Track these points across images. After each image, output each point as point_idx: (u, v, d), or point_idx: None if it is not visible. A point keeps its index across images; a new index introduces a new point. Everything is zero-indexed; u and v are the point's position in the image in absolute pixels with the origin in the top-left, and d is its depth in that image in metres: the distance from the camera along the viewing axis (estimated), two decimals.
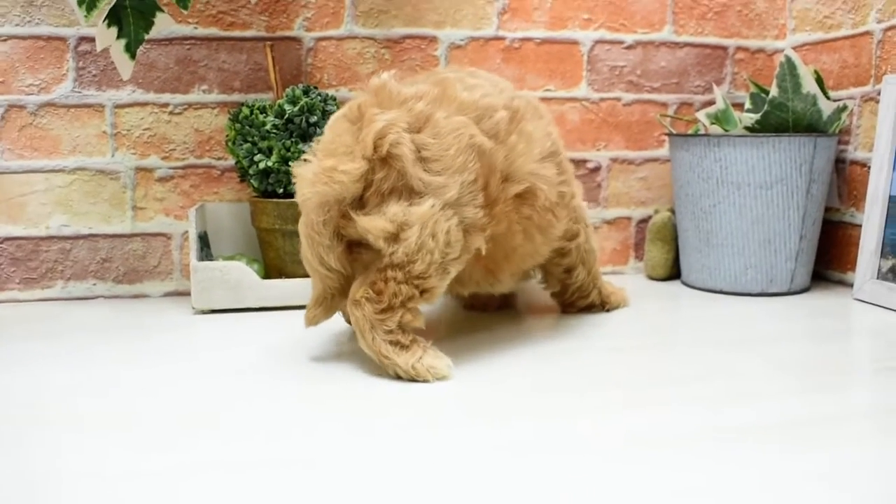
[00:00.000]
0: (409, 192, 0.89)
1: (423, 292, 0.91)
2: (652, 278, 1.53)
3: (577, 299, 1.21)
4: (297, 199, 0.94)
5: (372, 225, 0.88)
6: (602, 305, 1.24)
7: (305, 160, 0.93)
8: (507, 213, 0.96)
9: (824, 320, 1.19)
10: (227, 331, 1.15)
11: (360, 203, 0.90)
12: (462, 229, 0.91)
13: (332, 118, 0.97)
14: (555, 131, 1.07)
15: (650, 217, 1.58)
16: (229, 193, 1.42)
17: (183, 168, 1.40)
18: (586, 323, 1.17)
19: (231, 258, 1.32)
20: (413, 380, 0.89)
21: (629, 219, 1.58)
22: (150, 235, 1.40)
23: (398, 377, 0.90)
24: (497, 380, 0.91)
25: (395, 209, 0.88)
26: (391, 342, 0.90)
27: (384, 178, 0.89)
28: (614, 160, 1.56)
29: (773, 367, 0.95)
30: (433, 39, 1.46)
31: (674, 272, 1.52)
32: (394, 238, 0.88)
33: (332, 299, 0.97)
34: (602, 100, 1.54)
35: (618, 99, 1.54)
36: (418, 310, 0.91)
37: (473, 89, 0.96)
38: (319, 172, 0.89)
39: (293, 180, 0.95)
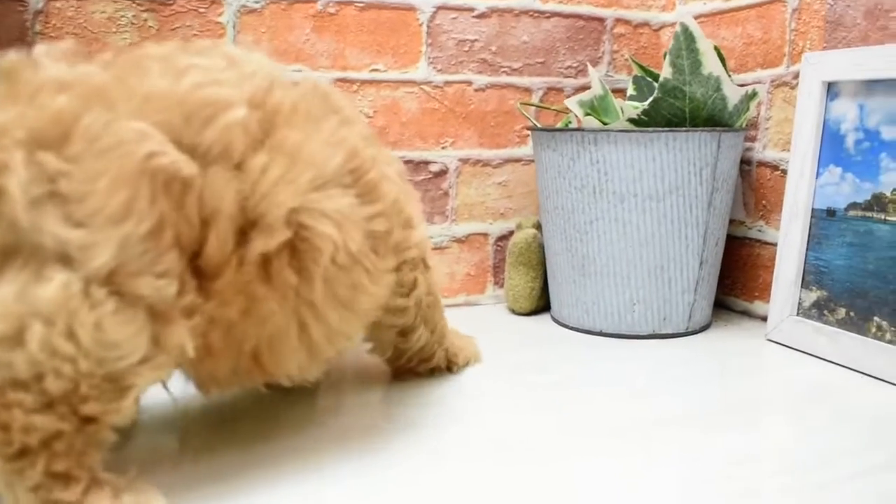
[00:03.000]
0: (37, 257, 0.51)
1: (83, 422, 0.53)
2: (515, 312, 1.19)
3: (416, 364, 0.87)
4: None
5: None
6: (448, 368, 0.90)
7: None
8: (248, 286, 0.59)
9: (735, 377, 0.88)
10: None
11: None
12: (140, 317, 0.53)
13: None
14: (357, 134, 0.69)
15: (511, 233, 1.24)
16: None
17: None
18: (424, 386, 0.82)
19: None
20: None
21: (486, 235, 1.24)
22: None
23: None
24: None
25: (10, 290, 0.50)
26: (46, 503, 0.52)
27: None
28: (465, 161, 1.21)
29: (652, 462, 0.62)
30: (216, 0, 1.07)
31: (542, 304, 1.19)
32: (11, 342, 0.50)
33: None
34: (447, 83, 1.19)
35: (468, 83, 1.20)
36: (84, 447, 0.54)
37: (183, 73, 0.58)
38: None
39: None
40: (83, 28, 1.03)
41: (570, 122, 1.16)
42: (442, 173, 1.20)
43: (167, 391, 0.66)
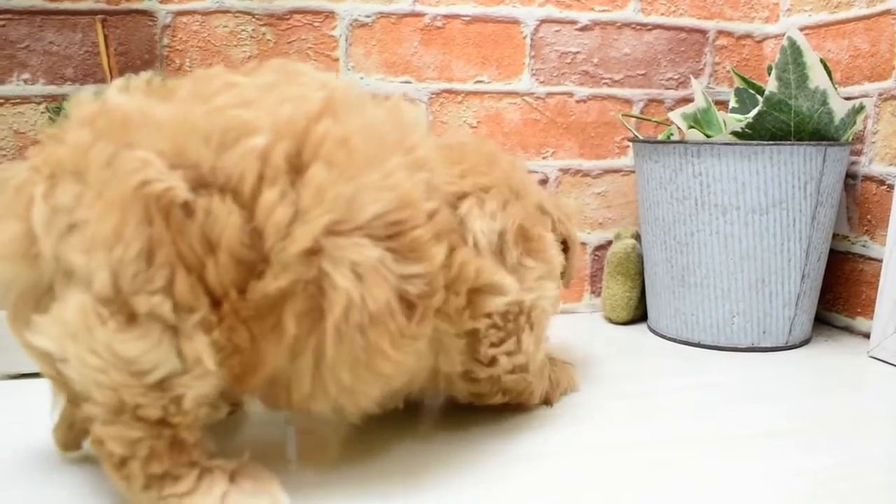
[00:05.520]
0: (66, 283, 0.55)
1: (154, 425, 0.56)
2: (611, 321, 1.21)
3: (502, 401, 0.80)
4: None
5: (37, 345, 0.55)
6: (546, 402, 0.85)
7: None
8: (247, 322, 0.56)
9: (835, 393, 0.88)
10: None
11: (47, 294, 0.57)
12: (155, 332, 0.54)
13: None
14: (420, 182, 0.61)
15: (610, 243, 1.26)
16: None
17: None
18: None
19: None
20: None
21: (584, 244, 1.26)
22: None
23: None
24: None
25: (56, 313, 0.54)
26: (161, 498, 0.57)
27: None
28: (565, 171, 1.23)
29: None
30: (330, 15, 1.12)
31: (638, 314, 1.20)
32: (60, 361, 0.55)
33: (73, 414, 0.65)
34: (549, 95, 1.21)
35: (569, 94, 1.22)
36: (169, 447, 0.57)
37: (213, 95, 0.57)
38: None
39: None
40: (207, 41, 1.09)
41: (671, 135, 1.17)
42: (542, 183, 1.22)
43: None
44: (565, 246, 0.84)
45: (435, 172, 0.63)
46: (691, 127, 1.10)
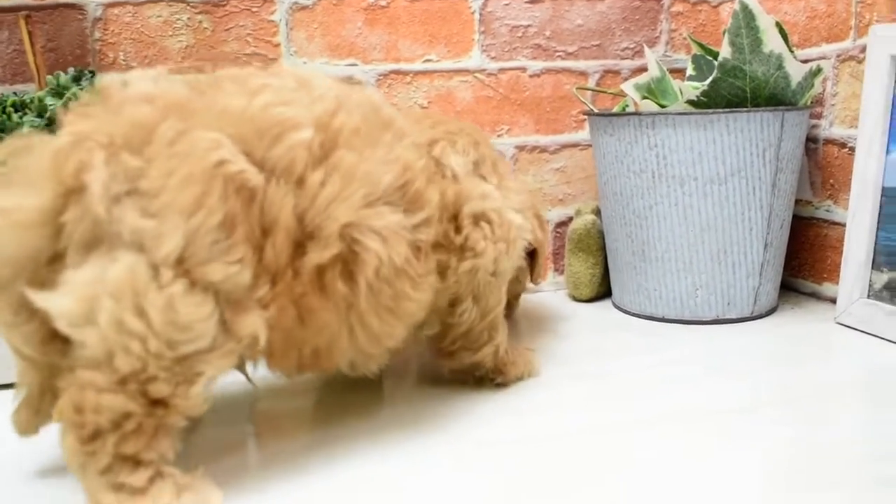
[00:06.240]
0: (113, 246, 0.55)
1: (152, 404, 0.56)
2: (576, 299, 1.18)
3: (460, 350, 0.82)
4: None
5: (50, 305, 0.54)
6: (498, 373, 0.84)
7: None
8: (302, 298, 0.62)
9: (804, 362, 0.86)
10: None
11: (57, 261, 0.56)
12: (211, 303, 0.57)
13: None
14: (408, 147, 0.70)
15: (571, 219, 1.23)
16: None
17: None
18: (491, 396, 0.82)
19: None
20: None
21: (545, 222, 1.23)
22: None
23: None
24: None
25: (86, 275, 0.54)
26: (113, 486, 0.56)
27: (77, 222, 0.55)
28: (521, 148, 1.20)
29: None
30: None
31: (602, 290, 1.18)
32: (85, 321, 0.54)
33: (41, 397, 0.65)
34: (502, 70, 1.18)
35: (522, 69, 1.19)
36: (154, 430, 0.57)
37: (257, 93, 0.62)
38: None
39: None
40: (140, 33, 1.05)
41: (627, 106, 1.14)
42: None
43: (248, 380, 0.70)
44: (534, 250, 0.92)
45: (412, 134, 0.73)
46: (645, 97, 1.07)
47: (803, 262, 1.15)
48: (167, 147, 0.56)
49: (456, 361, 0.82)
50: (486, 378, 0.84)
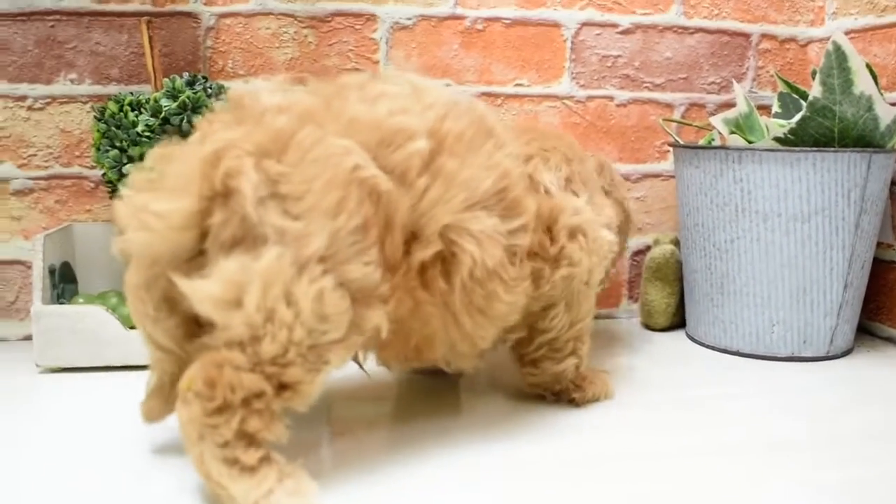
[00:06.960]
0: (258, 243, 0.60)
1: (281, 388, 0.60)
2: (649, 327, 1.20)
3: (543, 357, 0.84)
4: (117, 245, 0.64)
5: (197, 289, 0.59)
6: (575, 390, 0.86)
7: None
8: (413, 291, 0.68)
9: (876, 405, 0.87)
10: (75, 398, 0.87)
11: (198, 258, 0.61)
12: (347, 298, 0.61)
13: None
14: (508, 156, 0.73)
15: (649, 248, 1.25)
16: (105, 211, 1.10)
17: (46, 179, 1.09)
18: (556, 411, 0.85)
19: (101, 297, 1.01)
20: None
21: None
22: (3, 264, 1.08)
23: None
24: None
25: (233, 265, 0.59)
26: (226, 461, 0.59)
27: (224, 224, 0.60)
28: None
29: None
30: (371, 17, 1.13)
31: (676, 320, 1.19)
32: (231, 305, 0.59)
33: (171, 388, 0.67)
34: (589, 98, 1.21)
35: (609, 98, 1.21)
36: (274, 413, 0.61)
37: (377, 101, 0.67)
38: (131, 213, 0.62)
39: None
40: (249, 43, 1.10)
41: (712, 140, 1.16)
42: None
43: (362, 368, 0.76)
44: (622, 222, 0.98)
45: (512, 146, 0.76)
46: (733, 132, 1.08)
47: (881, 306, 1.15)
48: (305, 153, 0.61)
49: (538, 371, 0.85)
50: (564, 393, 0.86)
